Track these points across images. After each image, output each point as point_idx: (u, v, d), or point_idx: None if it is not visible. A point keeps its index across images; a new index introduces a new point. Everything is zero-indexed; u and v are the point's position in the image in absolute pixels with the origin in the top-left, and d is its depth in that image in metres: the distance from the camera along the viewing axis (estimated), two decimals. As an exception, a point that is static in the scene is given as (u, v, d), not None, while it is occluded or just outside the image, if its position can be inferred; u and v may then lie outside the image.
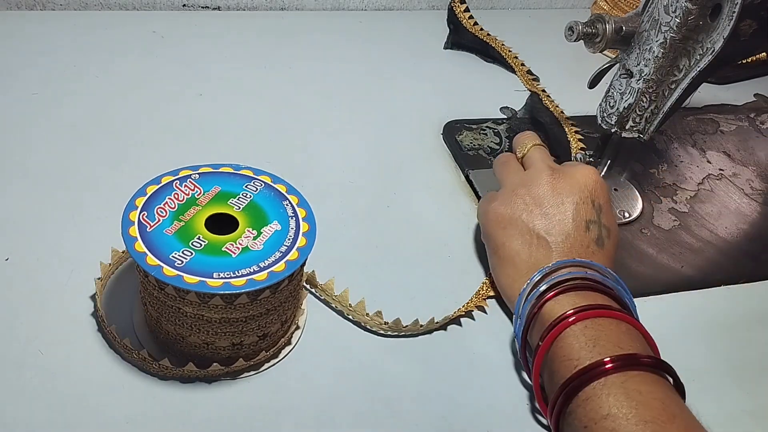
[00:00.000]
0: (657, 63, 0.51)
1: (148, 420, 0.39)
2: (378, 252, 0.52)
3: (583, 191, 0.46)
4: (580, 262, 0.44)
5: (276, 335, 0.43)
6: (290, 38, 0.75)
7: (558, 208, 0.46)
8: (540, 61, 0.79)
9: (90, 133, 0.57)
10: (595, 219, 0.46)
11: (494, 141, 0.65)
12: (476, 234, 0.55)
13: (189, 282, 0.36)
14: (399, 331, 0.46)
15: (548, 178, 0.47)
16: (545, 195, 0.46)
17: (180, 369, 0.41)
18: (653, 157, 0.67)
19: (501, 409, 0.43)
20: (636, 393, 0.36)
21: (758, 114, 0.77)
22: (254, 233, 0.40)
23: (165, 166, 0.43)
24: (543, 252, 0.45)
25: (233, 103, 0.64)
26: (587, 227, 0.46)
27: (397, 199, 0.57)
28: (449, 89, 0.72)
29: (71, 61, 0.65)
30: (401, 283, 0.50)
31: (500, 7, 0.91)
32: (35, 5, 0.71)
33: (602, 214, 0.46)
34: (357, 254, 0.52)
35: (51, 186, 0.52)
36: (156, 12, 0.75)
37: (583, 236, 0.45)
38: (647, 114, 0.54)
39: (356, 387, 0.43)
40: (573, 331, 0.40)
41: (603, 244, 0.46)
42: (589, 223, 0.46)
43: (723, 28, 0.48)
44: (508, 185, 0.49)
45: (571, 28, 0.52)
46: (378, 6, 0.84)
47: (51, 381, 0.40)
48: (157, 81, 0.65)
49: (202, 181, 0.42)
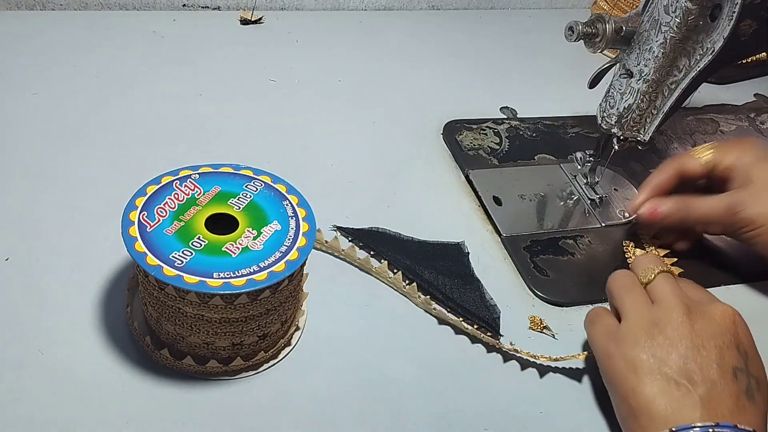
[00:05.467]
0: (657, 63, 0.51)
1: (148, 420, 0.39)
2: (378, 252, 0.52)
3: (726, 334, 0.41)
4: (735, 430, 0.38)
5: (276, 335, 0.43)
6: (291, 38, 0.75)
7: (699, 353, 0.40)
8: (540, 61, 0.80)
9: (90, 133, 0.57)
10: (743, 367, 0.40)
11: (494, 141, 0.65)
12: (476, 233, 0.55)
13: (189, 282, 0.36)
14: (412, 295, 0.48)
15: (684, 318, 0.41)
16: (682, 337, 0.41)
17: (178, 362, 0.41)
18: (653, 157, 0.67)
19: (500, 409, 0.43)
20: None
21: (758, 114, 0.77)
22: (254, 233, 0.40)
23: (165, 166, 0.43)
24: (685, 402, 0.39)
25: (233, 103, 0.64)
26: (735, 375, 0.39)
27: (397, 199, 0.57)
28: (449, 89, 0.72)
29: (71, 61, 0.65)
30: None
31: (500, 7, 0.90)
32: (35, 5, 0.71)
33: (749, 362, 0.41)
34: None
35: (51, 186, 0.52)
36: (156, 12, 0.75)
37: (731, 386, 0.39)
38: (647, 114, 0.54)
39: (356, 387, 0.43)
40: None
41: (753, 397, 0.39)
42: (736, 371, 0.40)
43: (723, 28, 0.48)
44: (637, 321, 0.43)
45: (571, 28, 0.52)
46: (378, 6, 0.84)
47: (51, 381, 0.40)
48: (157, 81, 0.65)
49: (202, 181, 0.42)
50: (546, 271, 0.53)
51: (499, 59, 0.79)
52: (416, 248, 0.52)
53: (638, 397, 0.40)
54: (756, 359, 0.41)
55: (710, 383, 0.39)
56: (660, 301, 0.43)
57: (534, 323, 0.49)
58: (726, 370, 0.39)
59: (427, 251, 0.52)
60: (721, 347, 0.40)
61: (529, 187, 0.60)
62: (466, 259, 0.53)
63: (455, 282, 0.50)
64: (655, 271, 0.45)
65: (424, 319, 0.48)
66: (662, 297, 0.43)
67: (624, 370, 0.41)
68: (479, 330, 0.47)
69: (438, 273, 0.50)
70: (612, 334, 0.43)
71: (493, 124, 0.67)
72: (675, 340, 0.41)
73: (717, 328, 0.41)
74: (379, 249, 0.51)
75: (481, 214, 0.57)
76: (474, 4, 0.89)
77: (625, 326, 0.43)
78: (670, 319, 0.42)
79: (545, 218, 0.58)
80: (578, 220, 0.59)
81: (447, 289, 0.49)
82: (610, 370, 0.42)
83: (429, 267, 0.51)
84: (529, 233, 0.56)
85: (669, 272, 0.45)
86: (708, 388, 0.39)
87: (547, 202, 0.60)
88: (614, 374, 0.42)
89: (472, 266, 0.52)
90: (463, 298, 0.49)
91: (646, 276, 0.45)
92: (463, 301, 0.49)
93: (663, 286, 0.44)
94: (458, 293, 0.49)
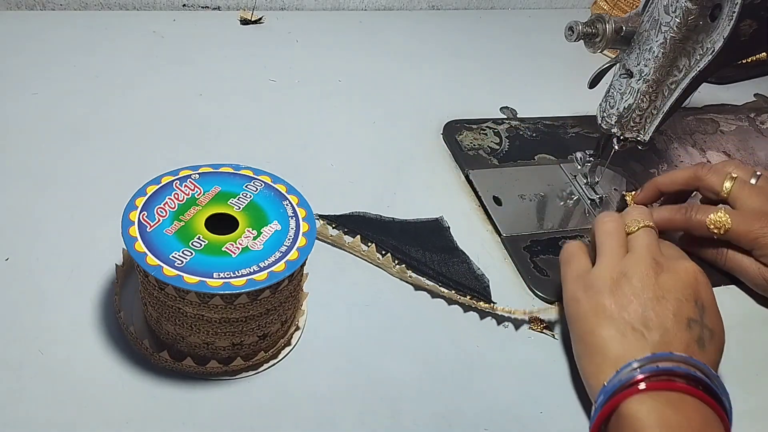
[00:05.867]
0: (657, 63, 0.51)
1: (148, 420, 0.39)
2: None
3: (686, 288, 0.44)
4: (679, 357, 0.41)
5: (276, 335, 0.43)
6: (291, 38, 0.75)
7: (659, 303, 0.43)
8: (540, 61, 0.80)
9: (90, 133, 0.57)
10: (698, 319, 0.43)
11: (494, 141, 0.65)
12: (476, 233, 0.55)
13: (189, 282, 0.36)
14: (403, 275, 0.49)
15: (650, 270, 0.44)
16: (646, 288, 0.44)
17: (178, 363, 0.41)
18: (653, 157, 0.67)
19: (500, 409, 0.43)
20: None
21: (758, 114, 0.77)
22: (254, 233, 0.40)
23: (165, 166, 0.43)
24: (638, 345, 0.42)
25: (233, 103, 0.64)
26: (689, 325, 0.42)
27: (397, 199, 0.57)
28: (449, 89, 0.72)
29: (71, 61, 0.65)
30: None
31: (500, 7, 0.90)
32: (35, 5, 0.71)
33: (705, 315, 0.43)
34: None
35: (51, 186, 0.52)
36: (156, 12, 0.75)
37: (683, 334, 0.42)
38: (647, 114, 0.54)
39: (356, 387, 0.43)
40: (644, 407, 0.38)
41: (704, 346, 0.42)
42: (690, 322, 0.42)
43: (723, 28, 0.48)
44: (608, 269, 0.45)
45: (571, 28, 0.52)
46: (378, 6, 0.84)
47: (51, 381, 0.40)
48: (157, 81, 0.65)
49: (202, 181, 0.42)
50: (546, 271, 0.53)
51: (499, 59, 0.79)
52: (398, 228, 0.54)
53: (595, 338, 0.43)
54: (713, 313, 0.44)
55: (663, 330, 0.42)
56: (633, 252, 0.46)
57: (534, 323, 0.49)
58: (681, 320, 0.42)
59: (410, 230, 0.54)
60: (680, 300, 0.43)
61: (529, 187, 0.60)
62: (447, 233, 0.54)
63: (442, 257, 0.52)
64: (640, 224, 0.48)
65: (424, 319, 0.48)
66: (636, 248, 0.46)
67: (587, 312, 0.44)
68: (472, 300, 0.49)
69: (425, 250, 0.52)
70: (582, 278, 0.46)
71: (493, 124, 0.67)
72: (639, 290, 0.44)
73: (679, 282, 0.44)
74: (365, 233, 0.52)
75: (481, 214, 0.57)
76: (474, 4, 0.89)
77: (596, 272, 0.46)
78: (637, 270, 0.44)
79: (545, 218, 0.58)
80: (578, 220, 0.59)
81: (435, 264, 0.51)
82: (575, 312, 0.45)
83: (415, 245, 0.52)
84: (529, 233, 0.56)
85: (652, 228, 0.48)
86: (661, 334, 0.42)
87: (547, 202, 0.60)
88: (578, 316, 0.45)
89: (454, 239, 0.54)
90: (451, 271, 0.51)
91: (631, 227, 0.48)
92: (452, 274, 0.50)
93: (641, 239, 0.47)
94: (446, 267, 0.51)
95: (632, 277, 0.44)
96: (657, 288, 0.44)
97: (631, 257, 0.46)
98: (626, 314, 0.43)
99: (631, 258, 0.46)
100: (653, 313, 0.42)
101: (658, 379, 0.39)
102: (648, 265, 0.45)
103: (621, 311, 0.43)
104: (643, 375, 0.39)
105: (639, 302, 0.43)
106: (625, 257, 0.46)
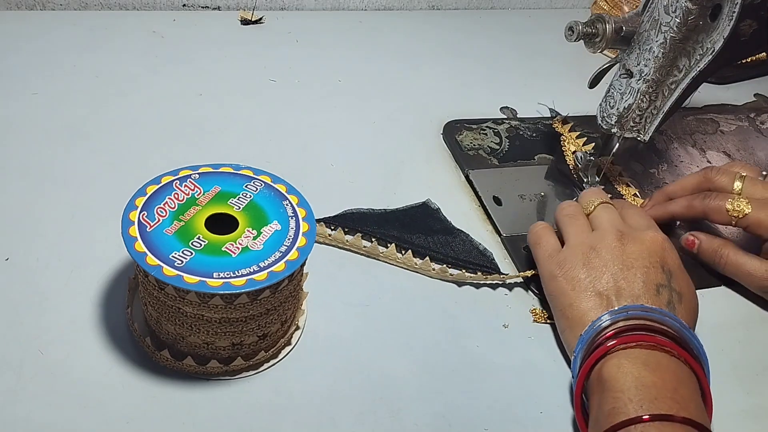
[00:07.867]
0: (657, 63, 0.51)
1: (148, 420, 0.39)
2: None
3: (653, 256, 0.46)
4: (649, 308, 0.43)
5: (276, 335, 0.43)
6: (291, 38, 0.75)
7: (627, 272, 0.45)
8: (540, 61, 0.80)
9: (90, 133, 0.57)
10: (666, 283, 0.45)
11: (494, 141, 0.65)
12: (476, 233, 0.55)
13: (189, 282, 0.36)
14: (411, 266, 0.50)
15: (616, 242, 0.47)
16: (614, 259, 0.46)
17: (179, 363, 0.41)
18: (653, 157, 0.67)
19: (500, 409, 0.43)
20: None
21: (758, 114, 0.77)
22: (254, 233, 0.40)
23: (165, 166, 0.43)
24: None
25: (233, 103, 0.64)
26: (657, 290, 0.45)
27: (397, 199, 0.57)
28: (449, 89, 0.72)
29: (71, 61, 0.65)
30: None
31: (500, 7, 0.91)
32: (35, 5, 0.71)
33: (673, 279, 0.46)
34: (357, 253, 0.52)
35: (51, 186, 0.52)
36: (156, 12, 0.75)
37: (653, 299, 0.44)
38: (647, 114, 0.54)
39: (356, 387, 0.43)
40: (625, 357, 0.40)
41: (674, 309, 0.44)
42: (659, 287, 0.45)
43: (723, 28, 0.48)
44: (576, 245, 0.48)
45: (571, 28, 0.52)
46: (378, 6, 0.84)
47: (51, 381, 0.40)
48: (157, 81, 0.65)
49: (202, 181, 0.42)
50: (546, 271, 0.53)
51: (499, 59, 0.79)
52: (393, 218, 0.54)
53: (574, 311, 0.46)
54: (680, 277, 0.46)
55: (634, 296, 0.44)
56: (597, 228, 0.49)
57: (537, 315, 0.50)
58: (650, 286, 0.45)
59: (404, 218, 0.54)
60: (647, 267, 0.46)
61: (529, 187, 0.60)
62: (440, 215, 0.55)
63: (444, 239, 0.53)
64: (595, 203, 0.51)
65: (424, 318, 0.48)
66: (600, 224, 0.49)
67: (565, 287, 0.47)
68: (484, 275, 0.51)
69: (426, 235, 0.53)
70: (555, 257, 0.49)
71: (493, 124, 0.67)
72: (608, 262, 0.46)
73: (645, 251, 0.46)
74: (364, 229, 0.52)
75: (481, 214, 0.57)
76: (474, 4, 0.89)
77: (567, 250, 0.48)
78: (604, 243, 0.47)
79: (545, 218, 0.58)
80: (578, 220, 0.59)
81: (440, 247, 0.52)
82: (553, 288, 0.48)
83: (415, 231, 0.53)
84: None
85: (608, 203, 0.51)
86: (632, 300, 0.44)
87: (547, 202, 0.60)
88: (556, 291, 0.47)
89: (449, 220, 0.55)
90: (456, 251, 0.52)
91: (587, 208, 0.51)
92: (457, 254, 0.52)
93: (602, 215, 0.50)
94: (450, 248, 0.52)
95: (600, 250, 0.47)
96: (625, 258, 0.46)
97: (596, 233, 0.49)
98: (600, 285, 0.45)
99: (597, 233, 0.48)
100: (624, 282, 0.45)
101: (631, 332, 0.41)
102: (614, 236, 0.47)
103: (595, 283, 0.46)
104: (612, 320, 0.42)
105: (610, 273, 0.46)
106: (591, 233, 0.49)
